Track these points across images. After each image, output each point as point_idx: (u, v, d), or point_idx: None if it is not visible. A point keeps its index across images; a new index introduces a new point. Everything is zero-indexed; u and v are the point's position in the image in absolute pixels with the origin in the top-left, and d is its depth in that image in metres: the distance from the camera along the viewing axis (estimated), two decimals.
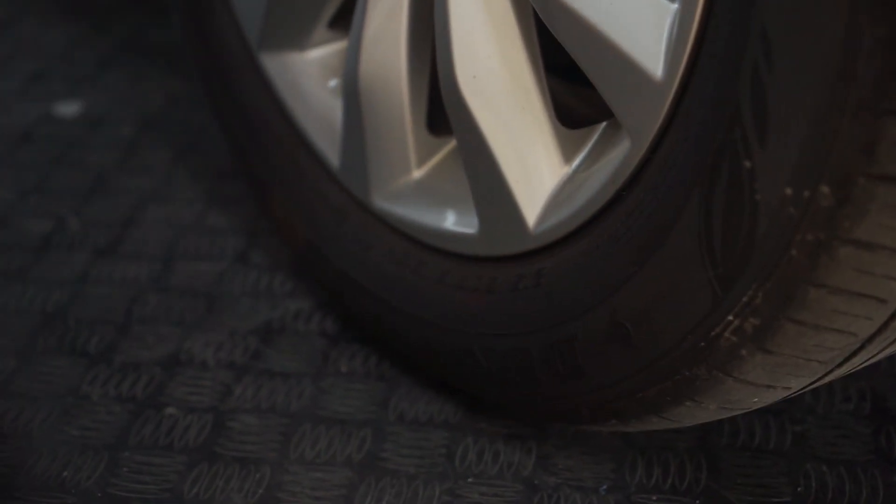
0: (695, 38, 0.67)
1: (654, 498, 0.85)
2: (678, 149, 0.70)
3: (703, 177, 0.68)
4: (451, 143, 0.88)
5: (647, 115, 0.71)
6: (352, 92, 0.89)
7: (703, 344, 0.72)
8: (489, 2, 0.80)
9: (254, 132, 1.00)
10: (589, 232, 0.77)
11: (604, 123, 0.79)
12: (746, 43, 0.65)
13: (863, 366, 0.75)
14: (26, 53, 1.42)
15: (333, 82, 0.97)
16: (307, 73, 0.97)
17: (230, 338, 1.00)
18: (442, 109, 0.85)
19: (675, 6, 0.68)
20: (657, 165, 0.72)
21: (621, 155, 0.74)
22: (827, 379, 0.75)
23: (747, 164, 0.66)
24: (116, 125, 1.27)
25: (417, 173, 0.91)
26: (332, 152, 0.95)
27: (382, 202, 0.91)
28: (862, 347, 0.71)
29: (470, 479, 0.87)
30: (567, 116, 0.82)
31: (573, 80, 0.79)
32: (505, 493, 0.86)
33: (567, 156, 0.81)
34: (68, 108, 1.30)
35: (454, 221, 0.87)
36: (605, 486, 0.86)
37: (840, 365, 0.73)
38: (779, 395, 0.76)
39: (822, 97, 0.61)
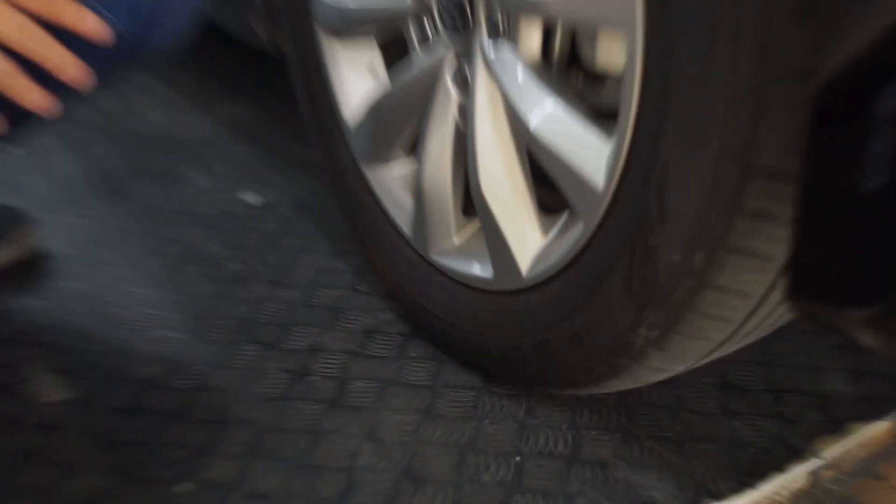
0: (622, 164, 0.67)
1: (594, 432, 0.85)
2: (612, 230, 0.70)
3: (627, 247, 0.69)
4: (476, 222, 0.87)
5: (593, 210, 0.71)
6: (419, 192, 0.89)
7: (625, 345, 0.72)
8: (501, 140, 0.79)
9: (360, 213, 1.01)
10: (559, 278, 0.76)
11: (566, 213, 0.78)
12: (654, 167, 0.65)
13: (721, 355, 0.74)
14: (223, 161, 1.42)
15: (407, 185, 0.96)
16: (391, 178, 0.97)
17: (346, 335, 1.00)
18: (471, 201, 0.84)
19: (612, 144, 0.68)
20: (600, 240, 0.71)
21: (577, 233, 0.73)
22: (700, 364, 0.74)
23: (653, 240, 0.66)
24: (281, 209, 1.27)
25: (457, 240, 0.90)
26: (406, 226, 0.94)
27: (436, 257, 0.91)
28: (719, 347, 0.72)
29: (486, 421, 0.87)
30: (544, 207, 0.81)
31: (548, 185, 0.77)
32: (507, 429, 0.86)
33: (545, 231, 0.80)
34: (253, 197, 1.30)
35: (478, 270, 0.86)
36: (565, 426, 0.86)
37: (707, 356, 0.74)
38: (671, 374, 0.76)
39: (701, 201, 0.62)
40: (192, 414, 0.88)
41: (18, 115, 1.03)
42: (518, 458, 0.81)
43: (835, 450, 0.81)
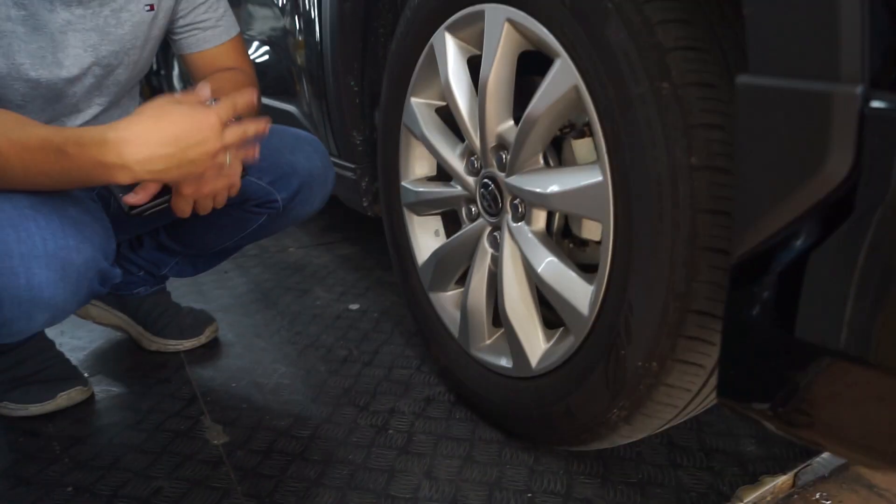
0: (601, 301, 0.67)
1: (582, 477, 0.81)
2: (594, 342, 0.69)
3: (604, 355, 0.68)
4: (502, 330, 0.86)
5: (581, 328, 0.70)
6: (464, 309, 0.89)
7: (603, 419, 0.70)
8: (519, 280, 0.79)
9: (425, 320, 1.00)
10: (558, 371, 0.75)
11: (561, 328, 0.77)
12: (622, 305, 0.64)
13: (672, 425, 0.72)
14: (336, 281, 1.40)
15: (456, 304, 0.96)
16: (447, 301, 0.96)
17: (413, 402, 0.97)
18: (497, 316, 0.84)
19: (593, 287, 0.68)
20: (585, 348, 0.70)
21: (570, 342, 0.72)
22: (656, 432, 0.72)
23: (623, 352, 0.65)
24: (372, 314, 1.25)
25: (488, 341, 0.89)
26: (455, 330, 0.94)
27: (475, 352, 0.90)
28: (669, 422, 0.70)
29: (507, 466, 0.84)
30: (547, 322, 0.80)
31: (550, 307, 0.77)
32: (521, 473, 0.82)
33: (548, 339, 0.79)
34: (354, 305, 1.29)
35: (503, 362, 0.85)
36: (562, 472, 0.82)
37: (660, 428, 0.71)
38: (635, 439, 0.73)
39: (654, 328, 0.61)
40: (308, 455, 0.86)
41: (214, 252, 1.06)
42: (529, 495, 0.78)
43: (752, 495, 0.77)
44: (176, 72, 2.32)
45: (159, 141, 0.62)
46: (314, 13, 1.10)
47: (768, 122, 0.41)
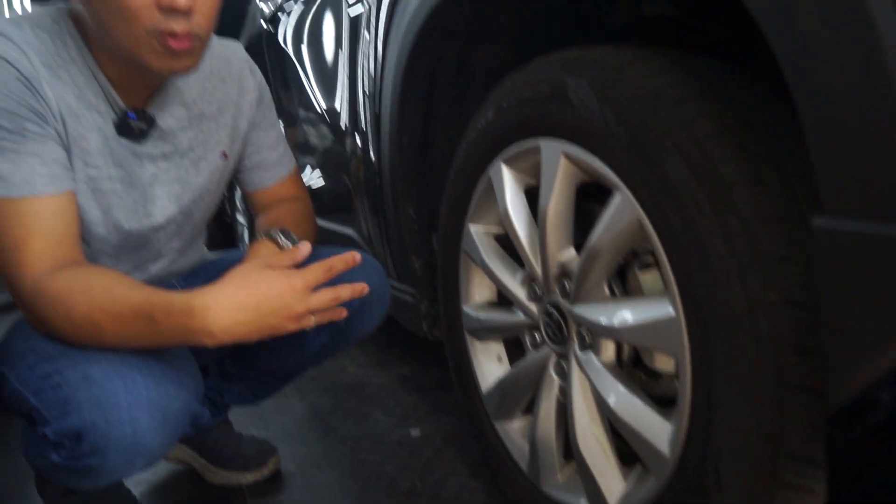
0: (683, 442, 0.63)
1: None
2: (680, 486, 0.64)
3: (694, 501, 0.63)
4: (574, 465, 0.82)
5: (662, 469, 0.66)
6: (532, 440, 0.86)
7: None
8: (590, 412, 0.76)
9: (491, 450, 0.97)
10: None
11: (640, 465, 0.73)
12: (708, 447, 0.60)
13: None
14: (396, 403, 1.38)
15: (524, 434, 0.92)
16: (512, 429, 0.93)
17: None
18: (569, 447, 0.79)
19: (672, 424, 0.65)
20: (671, 491, 0.65)
21: (652, 483, 0.68)
22: None
23: (714, 500, 0.60)
24: (434, 440, 1.21)
25: (560, 477, 0.85)
26: (523, 463, 0.90)
27: (546, 488, 0.85)
28: None
29: None
30: (624, 456, 0.75)
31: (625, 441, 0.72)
32: None
33: (625, 477, 0.74)
34: (415, 431, 1.27)
35: (578, 501, 0.80)
36: None
37: None
38: None
39: (747, 475, 0.57)
40: None
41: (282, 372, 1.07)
42: None
43: None
44: (238, 194, 2.48)
45: (240, 307, 0.66)
46: (373, 153, 1.18)
47: (852, 265, 0.40)
